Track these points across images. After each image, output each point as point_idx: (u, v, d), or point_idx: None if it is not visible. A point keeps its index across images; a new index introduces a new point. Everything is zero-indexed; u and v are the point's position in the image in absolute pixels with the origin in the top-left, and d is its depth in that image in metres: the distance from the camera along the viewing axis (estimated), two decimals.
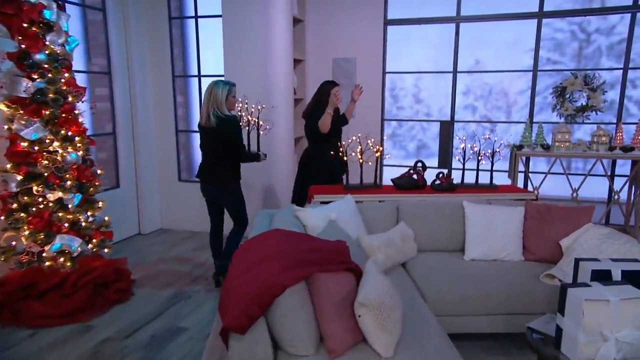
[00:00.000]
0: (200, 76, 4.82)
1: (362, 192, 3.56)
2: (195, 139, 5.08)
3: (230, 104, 3.43)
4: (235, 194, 3.64)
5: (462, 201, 3.11)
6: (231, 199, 3.62)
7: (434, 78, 6.69)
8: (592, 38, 6.23)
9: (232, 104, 3.46)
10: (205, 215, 5.02)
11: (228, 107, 3.40)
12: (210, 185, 3.55)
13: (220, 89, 3.33)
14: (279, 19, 4.94)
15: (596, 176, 5.14)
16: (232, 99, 3.43)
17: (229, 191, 3.58)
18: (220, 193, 3.57)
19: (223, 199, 3.61)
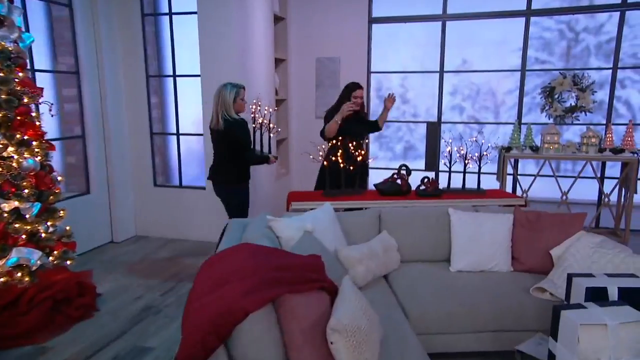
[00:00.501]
0: (176, 76, 4.59)
1: (343, 198, 3.38)
2: (172, 142, 4.85)
3: (238, 107, 3.40)
4: (240, 195, 3.59)
5: (448, 209, 2.94)
6: (235, 200, 3.58)
7: (421, 78, 6.53)
8: (580, 37, 6.13)
9: (240, 106, 3.42)
10: (181, 221, 4.91)
11: (236, 109, 3.38)
12: (218, 186, 3.56)
13: (228, 91, 3.33)
14: (259, 16, 4.74)
15: (586, 178, 5.02)
16: (240, 101, 3.39)
17: (233, 192, 3.56)
18: (225, 193, 3.57)
19: (228, 199, 3.60)
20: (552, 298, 2.44)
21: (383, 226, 2.96)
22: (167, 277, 3.75)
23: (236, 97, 3.35)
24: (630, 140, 4.59)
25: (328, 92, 5.68)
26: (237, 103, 3.38)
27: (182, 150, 4.88)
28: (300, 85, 5.76)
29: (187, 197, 4.71)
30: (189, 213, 4.72)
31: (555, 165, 4.88)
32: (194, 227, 4.72)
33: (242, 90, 3.42)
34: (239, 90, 3.38)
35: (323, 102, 5.73)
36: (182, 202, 4.72)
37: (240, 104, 3.42)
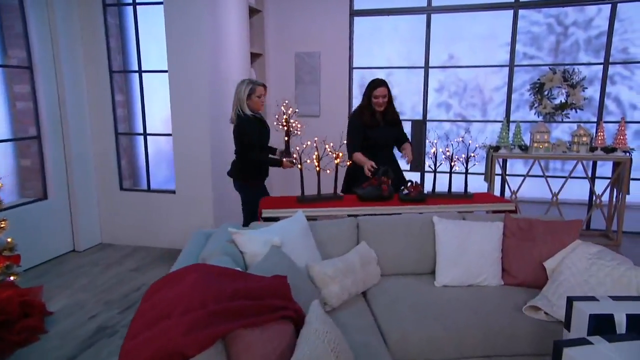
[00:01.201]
0: (142, 72, 4.26)
1: (319, 204, 3.10)
2: (139, 143, 4.51)
3: (254, 104, 3.35)
4: (248, 193, 3.49)
5: (433, 217, 2.68)
6: (245, 197, 3.54)
7: (406, 74, 6.28)
8: (569, 31, 5.92)
9: (256, 104, 3.36)
10: (150, 227, 4.53)
11: (252, 107, 3.35)
12: (233, 182, 3.57)
13: (243, 87, 3.31)
14: (232, 8, 4.42)
15: (577, 178, 4.82)
16: (256, 99, 3.33)
17: (242, 189, 3.53)
18: (237, 189, 3.57)
19: (240, 196, 3.58)
20: (548, 318, 2.20)
21: (362, 236, 2.69)
22: (129, 291, 3.44)
23: (251, 94, 3.29)
24: (622, 138, 4.39)
25: (308, 88, 5.40)
26: (252, 100, 3.32)
27: (151, 151, 4.55)
28: (279, 82, 5.46)
29: (157, 201, 4.39)
30: (158, 218, 4.40)
31: (544, 164, 4.66)
32: (164, 233, 4.40)
33: (260, 87, 3.33)
34: (255, 87, 3.30)
35: (303, 99, 5.44)
36: (151, 207, 4.40)
37: (256, 102, 3.33)
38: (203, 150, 4.12)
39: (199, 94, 4.03)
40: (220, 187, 4.31)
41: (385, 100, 3.42)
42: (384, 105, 3.42)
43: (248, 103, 3.32)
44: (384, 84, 3.42)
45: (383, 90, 3.39)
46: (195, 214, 4.25)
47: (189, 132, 4.11)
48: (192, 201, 4.23)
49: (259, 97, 3.34)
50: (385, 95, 3.40)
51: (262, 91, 3.37)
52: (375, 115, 3.46)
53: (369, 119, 3.44)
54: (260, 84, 3.36)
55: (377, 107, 3.42)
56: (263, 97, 3.39)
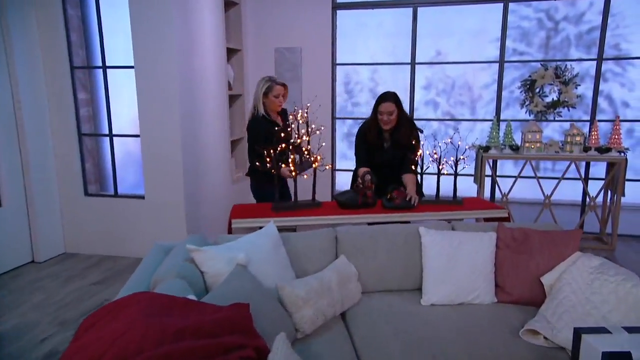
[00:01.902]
0: (106, 67, 3.93)
1: (296, 213, 2.82)
2: (106, 144, 4.19)
3: (270, 104, 3.21)
4: (257, 194, 3.43)
5: (419, 228, 2.42)
6: (255, 198, 3.48)
7: (392, 71, 6.03)
8: (560, 26, 5.73)
9: (272, 103, 3.21)
10: (118, 236, 4.14)
11: (269, 106, 3.23)
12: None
13: (261, 84, 3.20)
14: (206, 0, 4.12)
15: (570, 180, 4.62)
16: (273, 98, 3.19)
17: (251, 188, 3.49)
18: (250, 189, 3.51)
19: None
20: (547, 343, 1.96)
21: (340, 249, 2.42)
22: (89, 308, 3.13)
23: (268, 93, 3.18)
24: (617, 138, 4.19)
25: (289, 85, 5.10)
26: (269, 99, 3.19)
27: (119, 153, 4.24)
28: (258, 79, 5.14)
29: (124, 207, 4.07)
30: (126, 226, 4.09)
31: (534, 164, 4.44)
32: (133, 242, 4.09)
33: (279, 87, 3.19)
34: (272, 85, 3.17)
35: None
36: (119, 213, 4.09)
37: (273, 102, 3.19)
38: (174, 151, 3.82)
39: (168, 91, 3.72)
40: (194, 191, 4.01)
41: (392, 118, 2.98)
42: (391, 123, 3.00)
43: (264, 102, 3.19)
44: (390, 99, 2.96)
45: (389, 106, 2.95)
46: (166, 221, 3.95)
47: (158, 133, 3.81)
48: (163, 207, 3.93)
49: (276, 97, 3.18)
50: (391, 112, 2.96)
51: (281, 91, 3.21)
52: (381, 134, 3.09)
53: (373, 138, 3.08)
54: (280, 83, 3.21)
55: (383, 125, 3.02)
56: (281, 98, 3.22)
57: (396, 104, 2.99)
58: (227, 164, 4.70)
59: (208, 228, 4.20)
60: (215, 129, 4.46)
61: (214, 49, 4.35)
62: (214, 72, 4.37)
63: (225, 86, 4.63)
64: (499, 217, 2.88)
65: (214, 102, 4.40)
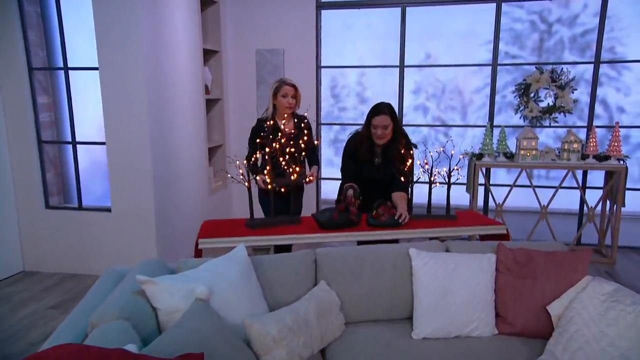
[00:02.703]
0: (68, 69, 3.61)
1: (272, 231, 2.52)
2: (69, 151, 3.85)
3: (279, 104, 3.04)
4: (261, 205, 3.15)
5: (409, 249, 2.14)
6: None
7: (380, 74, 5.78)
8: (553, 29, 5.53)
9: (281, 104, 3.03)
10: (83, 251, 3.79)
11: (278, 108, 3.05)
12: None
13: (272, 84, 3.06)
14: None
15: (567, 189, 4.39)
16: (281, 98, 3.01)
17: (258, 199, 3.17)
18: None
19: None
20: None
21: (321, 274, 2.13)
22: (39, 338, 2.78)
23: (276, 93, 3.02)
24: (616, 145, 3.97)
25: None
26: (278, 100, 3.02)
27: (85, 162, 3.91)
28: (238, 82, 4.88)
29: (89, 221, 3.73)
30: (91, 241, 3.75)
31: (529, 171, 4.20)
32: (98, 259, 3.76)
33: (287, 87, 2.99)
34: (281, 85, 3.01)
35: (265, 102, 4.86)
36: (83, 227, 3.75)
37: (281, 102, 3.01)
38: (142, 160, 3.50)
39: (136, 95, 3.41)
40: (165, 202, 3.70)
41: (387, 133, 2.72)
42: (385, 138, 2.74)
43: (274, 103, 3.05)
44: (384, 112, 2.71)
45: (383, 119, 2.69)
46: (135, 236, 3.62)
47: (124, 139, 3.49)
48: (131, 220, 3.60)
49: (284, 96, 2.98)
50: (386, 126, 2.70)
51: (290, 91, 2.99)
52: (373, 149, 2.83)
53: (364, 153, 2.82)
54: (290, 83, 3.03)
55: (377, 140, 2.76)
56: (290, 99, 3.00)
57: (391, 116, 2.73)
58: (203, 173, 4.39)
59: (181, 243, 3.88)
60: (191, 135, 4.15)
61: (188, 50, 4.05)
62: (188, 75, 4.07)
63: (201, 90, 4.33)
64: (497, 233, 2.61)
65: (189, 106, 4.09)
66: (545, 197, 4.22)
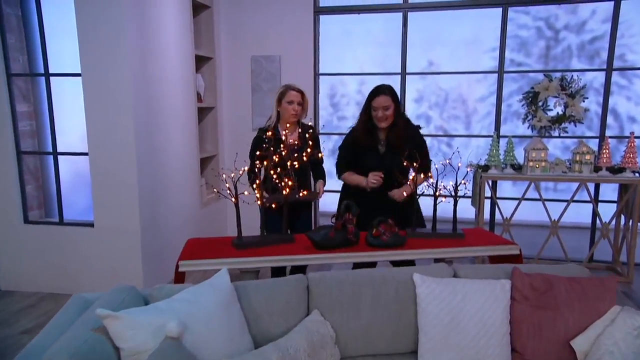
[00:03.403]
0: (49, 75, 3.40)
1: (262, 251, 2.29)
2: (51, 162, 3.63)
3: (284, 111, 2.81)
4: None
5: (413, 275, 1.90)
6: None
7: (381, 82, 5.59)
8: (560, 36, 5.34)
9: (286, 111, 2.80)
10: (63, 270, 3.50)
11: (282, 115, 2.82)
12: None
13: (277, 90, 2.88)
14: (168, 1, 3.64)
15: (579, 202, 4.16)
16: (286, 104, 2.79)
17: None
18: None
19: None
20: None
21: (313, 303, 1.89)
22: None
23: (281, 99, 2.81)
24: (631, 156, 3.74)
25: (267, 97, 4.62)
26: (282, 106, 2.80)
27: (68, 174, 3.69)
28: (233, 90, 4.68)
29: (71, 236, 3.50)
30: (73, 258, 3.51)
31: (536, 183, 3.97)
32: (80, 277, 3.52)
33: (292, 92, 2.78)
34: (285, 91, 2.80)
35: (260, 111, 4.66)
36: (64, 243, 3.51)
37: (285, 109, 2.79)
38: (127, 171, 3.28)
39: (121, 103, 3.20)
40: (152, 217, 3.47)
41: (389, 114, 2.61)
42: (388, 120, 2.63)
43: (279, 110, 2.84)
44: (385, 92, 2.64)
45: (384, 100, 2.61)
46: (119, 252, 3.39)
47: (109, 150, 3.27)
48: (115, 235, 3.38)
49: (290, 103, 2.77)
50: (387, 107, 2.60)
51: (295, 97, 2.77)
52: (373, 135, 2.69)
53: (364, 139, 2.69)
54: (295, 88, 2.82)
55: (378, 122, 2.64)
56: (296, 105, 2.77)
57: (392, 97, 2.64)
58: (195, 185, 4.16)
59: (170, 261, 3.63)
60: (182, 146, 3.94)
61: (179, 56, 3.85)
62: (179, 82, 3.86)
63: (193, 97, 4.12)
64: (509, 254, 2.37)
65: (179, 115, 3.89)
66: (554, 211, 3.98)
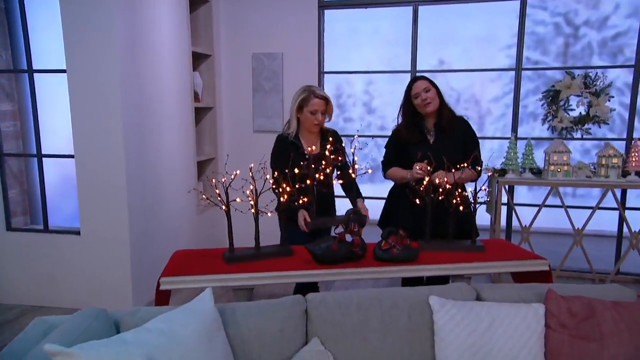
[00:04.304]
0: (33, 71, 3.18)
1: (256, 266, 2.02)
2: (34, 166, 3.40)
3: (306, 121, 2.42)
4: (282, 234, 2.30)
5: (429, 297, 1.63)
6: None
7: (389, 82, 5.32)
8: (580, 32, 5.04)
9: (308, 121, 2.41)
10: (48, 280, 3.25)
11: (303, 124, 2.44)
12: None
13: (297, 95, 2.43)
14: None
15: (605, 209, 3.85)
16: (308, 114, 2.39)
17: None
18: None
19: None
20: None
21: (313, 329, 1.62)
22: None
23: (302, 106, 2.39)
24: None
25: (268, 97, 4.38)
26: (304, 115, 2.40)
27: (55, 177, 3.46)
28: (233, 89, 4.44)
29: (57, 245, 3.26)
30: (58, 269, 3.27)
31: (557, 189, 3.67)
32: (65, 289, 3.28)
33: (318, 101, 2.36)
34: (308, 97, 2.37)
35: (261, 111, 4.41)
36: (50, 252, 3.28)
37: (308, 119, 2.40)
38: (116, 176, 3.04)
39: (108, 102, 2.97)
40: (143, 224, 3.23)
41: (430, 96, 2.46)
42: (432, 103, 2.47)
43: (299, 117, 2.44)
44: (422, 78, 2.57)
45: (422, 83, 2.50)
46: (107, 262, 3.15)
47: (96, 152, 3.04)
48: (102, 244, 3.14)
49: (313, 113, 2.38)
50: (428, 89, 2.47)
51: (320, 106, 2.38)
52: (420, 126, 2.54)
53: (410, 134, 2.54)
54: (320, 95, 2.39)
55: (425, 108, 2.48)
56: (319, 115, 2.39)
57: (430, 82, 2.53)
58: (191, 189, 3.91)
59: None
60: (177, 148, 3.69)
61: (174, 53, 3.62)
62: (174, 80, 3.63)
63: (189, 97, 3.88)
64: (537, 270, 2.09)
65: (174, 115, 3.65)
66: (576, 218, 3.69)
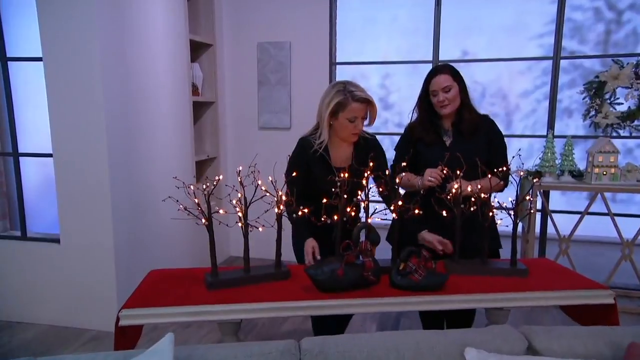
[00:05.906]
0: (7, 60, 2.85)
1: (243, 292, 1.63)
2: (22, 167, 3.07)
3: (341, 128, 1.95)
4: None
5: (465, 349, 1.21)
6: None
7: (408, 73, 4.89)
8: (624, 18, 4.55)
9: (344, 130, 1.95)
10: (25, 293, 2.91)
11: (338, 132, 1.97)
12: None
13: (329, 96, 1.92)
14: None
15: None
16: (344, 121, 1.92)
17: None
18: None
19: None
20: None
21: None
22: None
23: (338, 111, 1.91)
24: None
25: (275, 91, 4.00)
26: (339, 121, 1.93)
27: (35, 178, 3.15)
28: (236, 82, 4.08)
29: (35, 254, 2.94)
30: (36, 280, 2.95)
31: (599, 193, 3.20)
32: (44, 303, 2.95)
33: (357, 105, 1.89)
34: (345, 101, 1.88)
35: (267, 107, 4.03)
36: (28, 262, 2.95)
37: (345, 127, 1.94)
38: (99, 177, 2.70)
39: (90, 94, 2.63)
40: (131, 231, 2.89)
41: (450, 97, 2.00)
42: (451, 104, 2.02)
43: (332, 122, 1.96)
44: (444, 70, 2.03)
45: (443, 79, 2.00)
46: (89, 274, 2.82)
47: (76, 151, 2.71)
48: (84, 254, 2.80)
49: (352, 120, 1.92)
50: (448, 89, 1.99)
51: (360, 112, 1.92)
52: (436, 125, 2.10)
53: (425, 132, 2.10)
54: (360, 97, 1.90)
55: (441, 110, 2.03)
56: (360, 123, 1.95)
57: (454, 77, 2.02)
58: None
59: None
60: (171, 146, 3.34)
61: (169, 41, 3.26)
62: (169, 72, 3.28)
63: (187, 90, 3.52)
64: (598, 303, 1.65)
65: (169, 110, 3.30)
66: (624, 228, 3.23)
